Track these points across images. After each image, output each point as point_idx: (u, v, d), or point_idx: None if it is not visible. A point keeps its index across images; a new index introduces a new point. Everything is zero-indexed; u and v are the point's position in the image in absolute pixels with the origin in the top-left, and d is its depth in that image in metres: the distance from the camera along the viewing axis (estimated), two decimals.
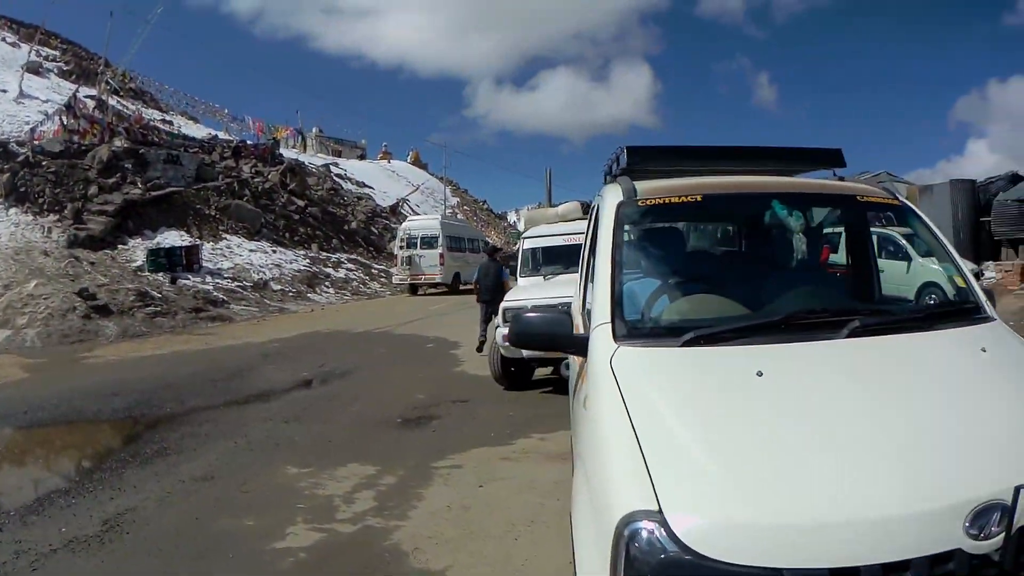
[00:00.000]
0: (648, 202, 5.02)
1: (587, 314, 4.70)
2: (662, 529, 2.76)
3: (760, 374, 3.53)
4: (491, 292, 19.10)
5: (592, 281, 5.19)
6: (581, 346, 4.34)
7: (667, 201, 5.04)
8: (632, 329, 4.12)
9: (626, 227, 4.88)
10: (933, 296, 14.29)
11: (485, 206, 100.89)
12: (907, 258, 20.87)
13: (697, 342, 3.86)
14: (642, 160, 5.69)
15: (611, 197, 5.15)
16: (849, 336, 3.93)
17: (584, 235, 8.12)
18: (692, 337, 3.88)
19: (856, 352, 3.87)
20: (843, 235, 6.09)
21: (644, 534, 2.78)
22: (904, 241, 21.34)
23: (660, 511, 2.80)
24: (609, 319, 4.14)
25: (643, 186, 5.17)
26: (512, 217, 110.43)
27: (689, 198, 5.08)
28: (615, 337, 4.00)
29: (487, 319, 18.91)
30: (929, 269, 16.93)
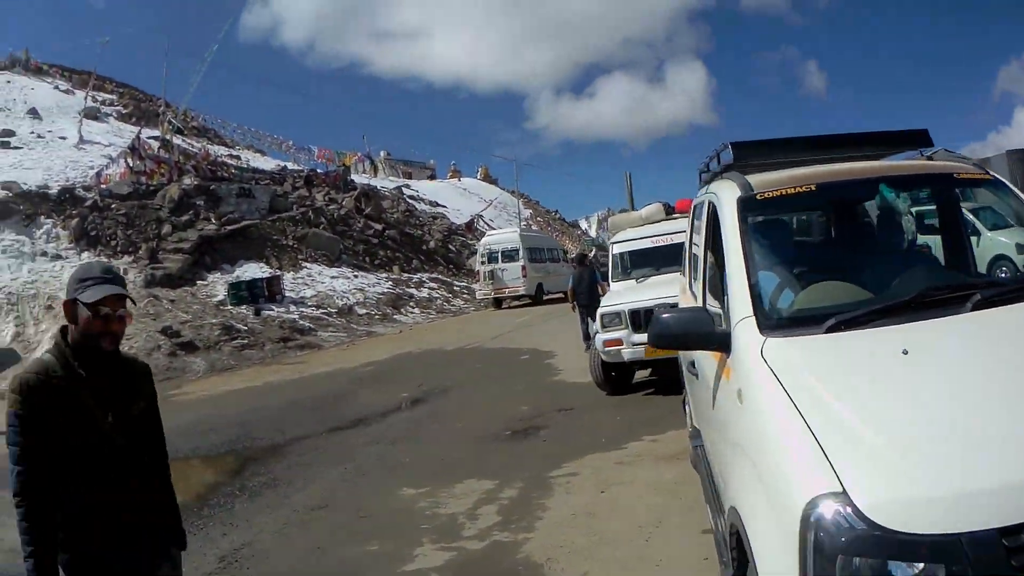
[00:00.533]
0: (766, 195, 5.08)
1: (725, 310, 4.69)
2: (848, 508, 2.81)
3: (905, 352, 3.57)
4: (587, 297, 19.61)
5: (715, 277, 5.38)
6: (723, 342, 4.38)
7: (784, 193, 5.10)
8: (774, 320, 4.17)
9: (749, 220, 4.93)
10: (1004, 268, 14.08)
11: (557, 216, 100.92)
12: (976, 232, 20.70)
13: (838, 327, 3.92)
14: (746, 155, 5.80)
15: (728, 193, 5.21)
16: (973, 310, 3.99)
17: (687, 234, 8.20)
18: (834, 323, 3.93)
19: (985, 323, 3.95)
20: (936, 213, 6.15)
21: (831, 515, 2.83)
22: (971, 216, 21.18)
23: (844, 491, 2.86)
24: (752, 312, 4.20)
25: (755, 180, 5.24)
26: (584, 224, 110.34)
27: (803, 188, 5.14)
28: (760, 329, 4.04)
29: (585, 321, 19.09)
30: (999, 243, 16.93)
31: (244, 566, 8.35)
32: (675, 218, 16.24)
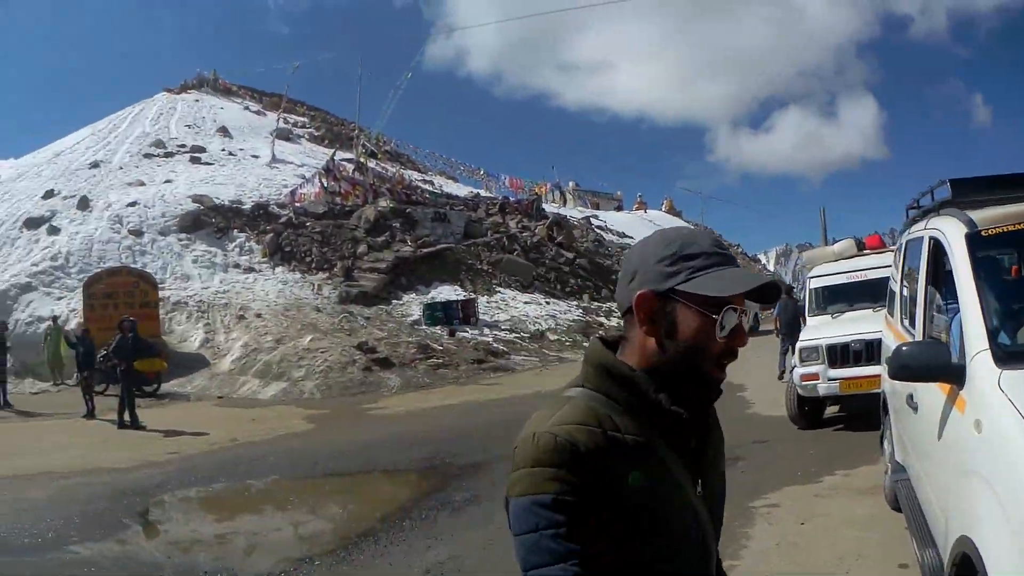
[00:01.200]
0: (994, 231, 5.12)
1: (960, 342, 4.76)
2: None
3: None
4: (788, 327, 20.12)
5: (938, 312, 5.66)
6: (956, 374, 4.49)
7: (1011, 228, 5.12)
8: (1009, 353, 4.24)
9: (979, 256, 5.01)
10: None
11: (739, 250, 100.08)
12: None
13: None
14: (964, 191, 5.81)
15: (954, 230, 5.29)
16: None
17: (893, 270, 8.46)
18: None
19: None
20: None
21: None
22: None
23: None
24: (987, 345, 4.29)
25: (978, 216, 5.28)
26: (763, 259, 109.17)
27: None
28: (996, 362, 4.13)
29: (785, 351, 19.37)
30: None
31: None
32: (866, 254, 16.49)
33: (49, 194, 44.65)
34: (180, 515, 13.35)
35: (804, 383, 14.10)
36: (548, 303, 41.73)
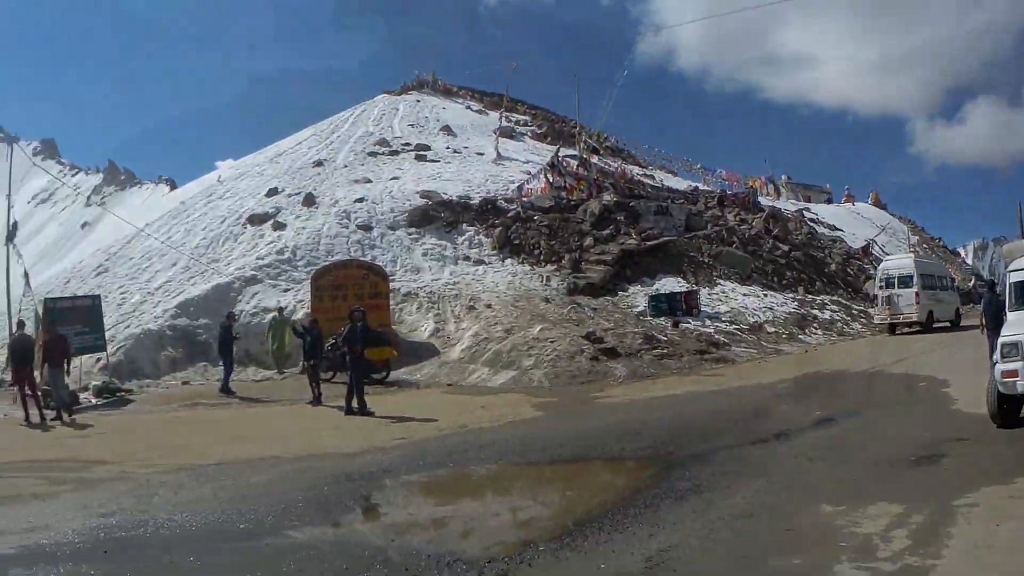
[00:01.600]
0: None
1: None
2: None
3: None
4: (993, 322, 19.71)
5: None
6: None
7: None
8: None
9: None
10: None
11: (940, 243, 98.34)
12: None
13: None
14: None
15: None
16: None
17: None
18: None
19: None
20: None
21: None
22: None
23: None
24: None
25: None
26: (962, 252, 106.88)
27: None
28: None
29: (994, 349, 18.44)
30: None
31: (671, 568, 8.66)
32: None
33: (272, 192, 47.72)
34: (403, 499, 13.84)
35: (1004, 380, 13.99)
36: (766, 295, 41.98)
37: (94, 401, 25.59)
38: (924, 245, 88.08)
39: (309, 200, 45.04)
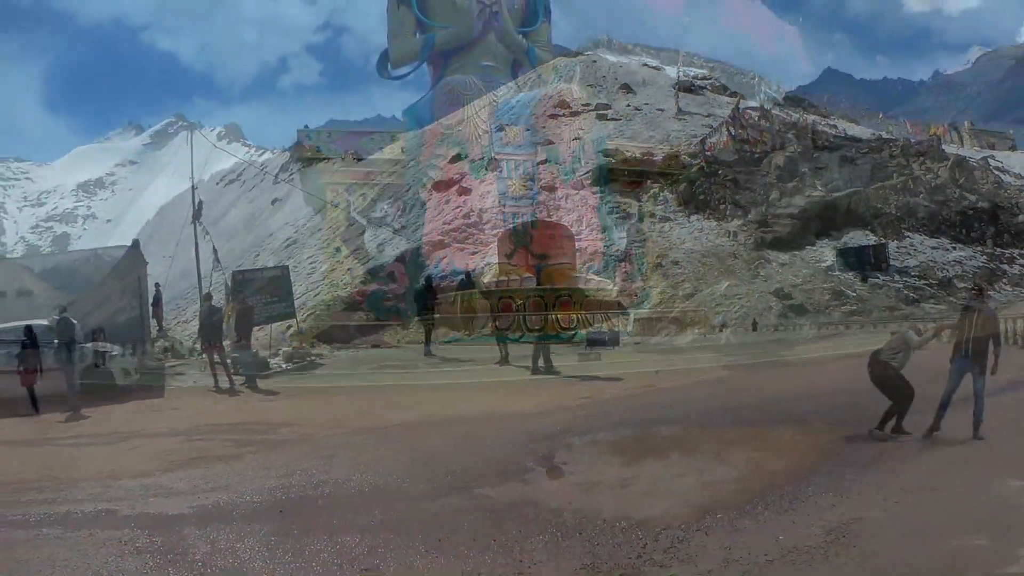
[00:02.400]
0: None
1: None
2: None
3: None
4: None
5: None
6: None
7: None
8: None
9: None
10: None
11: None
12: None
13: None
14: None
15: None
16: None
17: None
18: None
19: None
20: None
21: None
22: None
23: None
24: None
25: None
26: None
27: None
28: None
29: None
30: None
31: (851, 543, 8.53)
32: None
33: (456, 158, 47.77)
34: (584, 460, 13.66)
35: None
36: (954, 248, 40.85)
37: (284, 366, 26.39)
38: None
39: (492, 164, 45.27)
